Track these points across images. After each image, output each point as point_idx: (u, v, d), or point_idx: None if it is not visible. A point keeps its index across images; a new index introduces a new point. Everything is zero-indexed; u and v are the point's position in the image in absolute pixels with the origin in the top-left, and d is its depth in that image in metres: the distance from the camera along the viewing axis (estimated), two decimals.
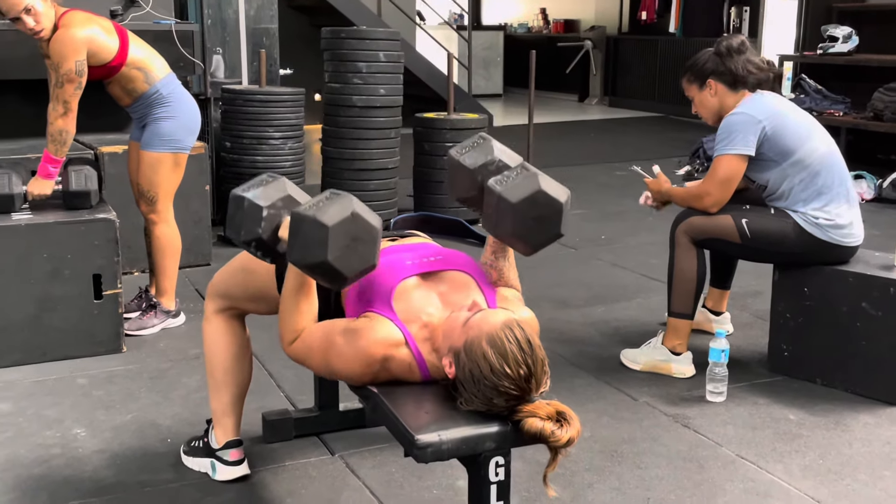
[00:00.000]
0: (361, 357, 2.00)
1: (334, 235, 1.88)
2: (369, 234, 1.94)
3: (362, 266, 1.95)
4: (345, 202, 1.93)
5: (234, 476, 2.55)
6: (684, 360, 3.30)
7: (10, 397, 3.10)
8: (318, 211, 1.90)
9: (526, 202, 2.02)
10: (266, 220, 2.10)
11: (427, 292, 2.09)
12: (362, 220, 1.93)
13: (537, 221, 2.05)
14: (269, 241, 2.13)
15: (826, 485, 2.56)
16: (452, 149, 2.26)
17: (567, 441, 1.79)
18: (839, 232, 3.12)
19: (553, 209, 2.05)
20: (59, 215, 3.45)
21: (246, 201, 2.11)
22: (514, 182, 2.06)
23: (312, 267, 1.93)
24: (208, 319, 2.56)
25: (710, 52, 3.25)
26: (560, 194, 2.07)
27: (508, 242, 2.15)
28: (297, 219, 1.92)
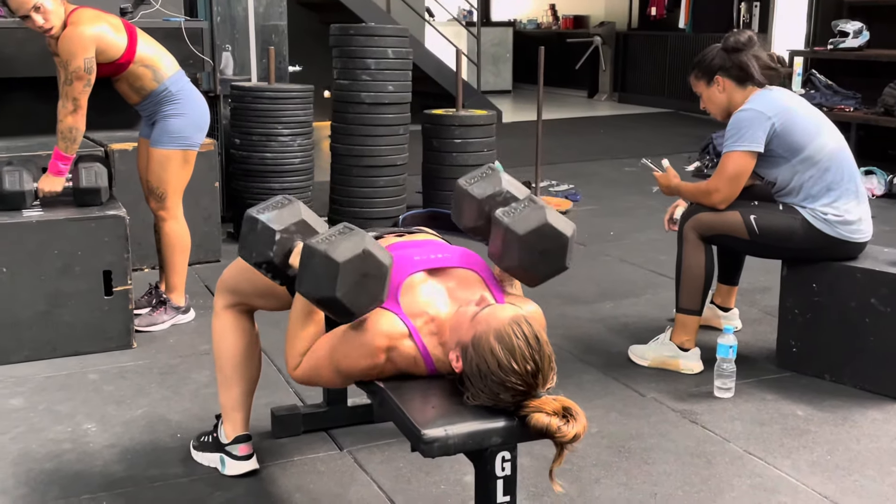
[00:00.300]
0: (366, 350, 2.01)
1: (344, 272, 1.89)
2: (379, 270, 1.95)
3: (371, 303, 1.97)
4: (357, 239, 1.95)
5: (243, 471, 2.57)
6: (692, 356, 3.30)
7: (21, 392, 3.13)
8: (329, 246, 1.92)
9: (533, 234, 2.06)
10: (278, 244, 2.12)
11: (434, 287, 2.10)
12: (373, 258, 1.94)
13: (543, 254, 2.09)
14: (279, 265, 2.15)
15: (834, 480, 2.56)
16: (461, 178, 2.31)
17: (573, 437, 1.79)
18: (848, 228, 3.12)
19: (559, 243, 2.09)
20: (69, 212, 3.47)
21: (259, 224, 2.13)
22: (521, 214, 2.09)
23: (321, 301, 1.95)
24: (217, 315, 2.58)
25: (717, 47, 3.25)
26: (566, 228, 2.11)
27: (514, 274, 2.16)
28: (308, 252, 1.94)
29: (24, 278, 3.36)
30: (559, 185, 6.68)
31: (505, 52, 14.33)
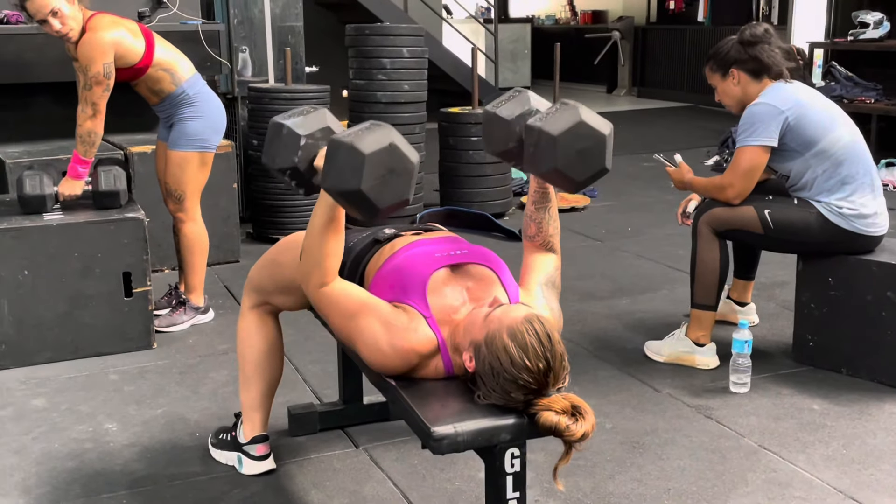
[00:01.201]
0: (398, 357, 2.02)
1: (370, 164, 1.85)
2: (405, 167, 1.90)
3: (395, 199, 1.91)
4: (384, 132, 1.90)
5: (260, 470, 2.60)
6: (708, 352, 3.30)
7: (44, 393, 3.18)
8: (356, 138, 1.87)
9: (568, 134, 1.98)
10: (303, 149, 2.08)
11: (456, 288, 2.10)
12: (399, 152, 1.90)
13: (580, 155, 2.00)
14: (304, 171, 2.11)
15: (849, 475, 2.55)
16: (488, 105, 2.23)
17: (581, 436, 1.80)
18: (863, 221, 3.11)
19: (596, 141, 2.01)
20: (89, 215, 3.52)
21: (285, 129, 2.09)
22: (554, 116, 2.01)
23: (345, 195, 1.90)
24: (243, 315, 2.61)
25: (733, 40, 3.24)
26: (603, 126, 2.03)
27: (552, 180, 2.10)
28: (335, 145, 1.89)
29: (46, 281, 3.41)
30: None
31: (523, 48, 14.30)
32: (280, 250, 2.52)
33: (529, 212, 2.26)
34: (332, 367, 3.15)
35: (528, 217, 2.27)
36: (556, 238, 2.27)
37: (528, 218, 2.27)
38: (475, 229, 5.27)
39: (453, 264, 2.15)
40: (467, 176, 5.59)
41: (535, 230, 2.25)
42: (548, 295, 2.19)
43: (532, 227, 2.26)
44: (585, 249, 5.00)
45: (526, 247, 2.30)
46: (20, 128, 4.83)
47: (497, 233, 5.26)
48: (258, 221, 5.22)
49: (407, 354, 2.01)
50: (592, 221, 5.64)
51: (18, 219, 3.44)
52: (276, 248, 2.55)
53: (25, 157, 4.33)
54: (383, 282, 2.15)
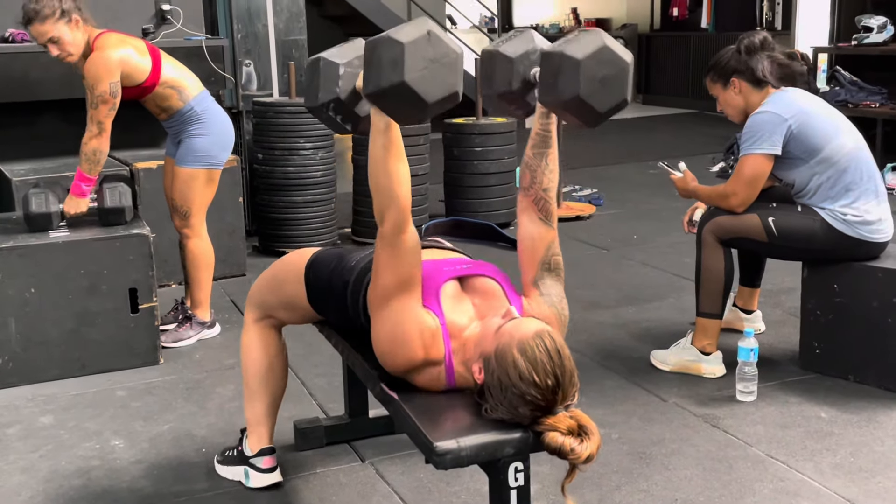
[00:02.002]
0: (406, 354, 2.02)
1: (410, 53, 1.76)
2: (448, 56, 1.82)
3: (444, 91, 1.82)
4: (420, 23, 1.83)
5: (267, 483, 2.60)
6: (714, 360, 3.29)
7: (51, 410, 3.19)
8: (392, 31, 1.80)
9: (592, 59, 1.89)
10: (343, 78, 2.03)
11: (465, 304, 2.11)
12: (440, 41, 1.81)
13: (603, 83, 1.91)
14: (347, 102, 2.05)
15: (857, 483, 2.54)
16: (487, 45, 2.16)
17: (587, 458, 1.78)
18: (868, 228, 3.10)
19: (619, 68, 1.93)
20: (94, 232, 3.53)
21: (322, 61, 2.06)
22: (576, 40, 1.92)
23: (390, 93, 1.80)
24: (247, 329, 2.61)
25: (732, 49, 3.24)
26: (625, 54, 1.95)
27: (571, 111, 1.99)
28: (371, 44, 1.81)
29: (53, 298, 3.42)
30: (582, 190, 6.67)
31: None
32: (283, 266, 2.52)
33: (527, 158, 2.14)
34: (337, 380, 3.15)
35: (525, 164, 2.15)
36: (551, 192, 2.15)
37: (524, 165, 2.15)
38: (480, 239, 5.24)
39: (461, 276, 2.15)
40: (472, 186, 5.60)
41: (530, 180, 2.14)
42: (548, 289, 2.14)
43: (527, 175, 2.14)
44: (591, 258, 5.00)
45: (519, 204, 2.19)
46: (26, 145, 4.85)
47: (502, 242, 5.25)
48: (264, 235, 5.23)
49: (413, 358, 2.02)
50: (598, 230, 5.63)
51: (24, 237, 3.45)
52: (279, 264, 2.56)
53: (32, 175, 4.35)
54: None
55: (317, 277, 2.40)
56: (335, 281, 2.35)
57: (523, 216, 2.17)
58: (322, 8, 9.59)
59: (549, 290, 2.14)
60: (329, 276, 2.37)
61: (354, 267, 2.32)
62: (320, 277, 2.39)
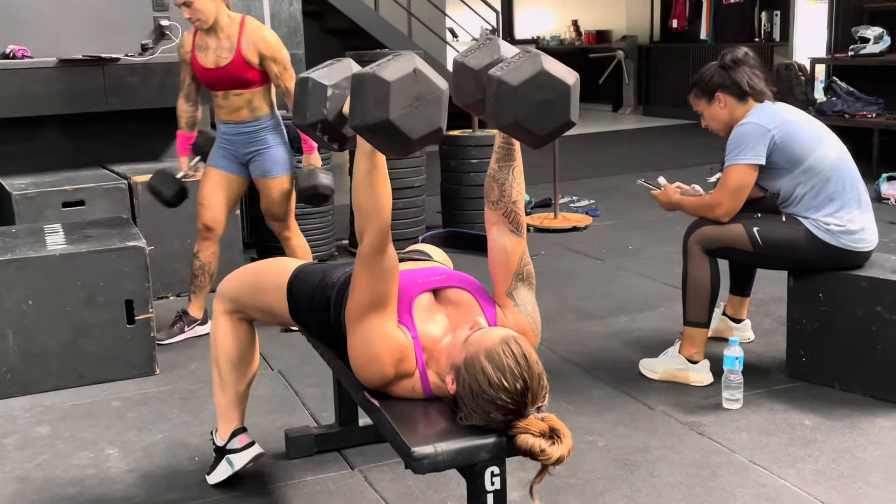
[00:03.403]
0: (378, 369, 2.08)
1: (396, 92, 1.78)
2: (433, 93, 1.83)
3: (428, 128, 1.85)
4: (407, 60, 1.84)
5: (250, 457, 2.64)
6: (701, 369, 3.33)
7: (48, 420, 3.24)
8: (378, 69, 1.81)
9: (528, 85, 1.89)
10: (331, 99, 2.06)
11: (438, 316, 2.16)
12: (425, 79, 1.83)
13: (542, 107, 1.91)
14: (334, 123, 2.09)
15: (838, 489, 2.58)
16: (458, 53, 2.19)
17: (557, 459, 1.84)
18: (851, 237, 3.14)
19: (559, 92, 1.92)
20: (91, 244, 3.58)
21: (311, 82, 2.09)
22: (514, 65, 1.93)
23: (375, 128, 1.82)
24: (216, 318, 2.65)
25: (714, 66, 3.30)
26: (567, 76, 1.94)
27: (513, 134, 2.02)
28: (358, 79, 1.83)
29: (50, 310, 3.48)
30: (579, 201, 6.72)
31: None
32: (263, 274, 2.57)
33: (493, 171, 2.16)
34: (330, 390, 3.19)
35: (491, 178, 2.17)
36: (520, 204, 2.18)
37: (490, 179, 2.17)
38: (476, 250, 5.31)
39: (435, 289, 2.20)
40: (468, 198, 5.66)
41: (498, 193, 2.16)
42: (522, 298, 2.19)
43: (495, 189, 2.16)
44: (586, 269, 5.04)
45: (489, 219, 2.21)
46: (26, 160, 4.92)
47: None
48: (262, 247, 5.29)
49: (385, 372, 2.07)
50: (594, 241, 5.68)
51: (22, 249, 3.51)
52: (259, 268, 2.62)
53: (32, 189, 4.41)
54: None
55: (300, 293, 2.44)
56: (318, 297, 2.39)
57: (493, 229, 2.21)
58: (322, 22, 9.67)
59: (523, 301, 2.20)
60: (312, 292, 2.41)
61: (336, 283, 2.37)
62: (303, 294, 2.44)
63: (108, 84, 4.82)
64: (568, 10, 15.23)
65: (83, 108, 4.79)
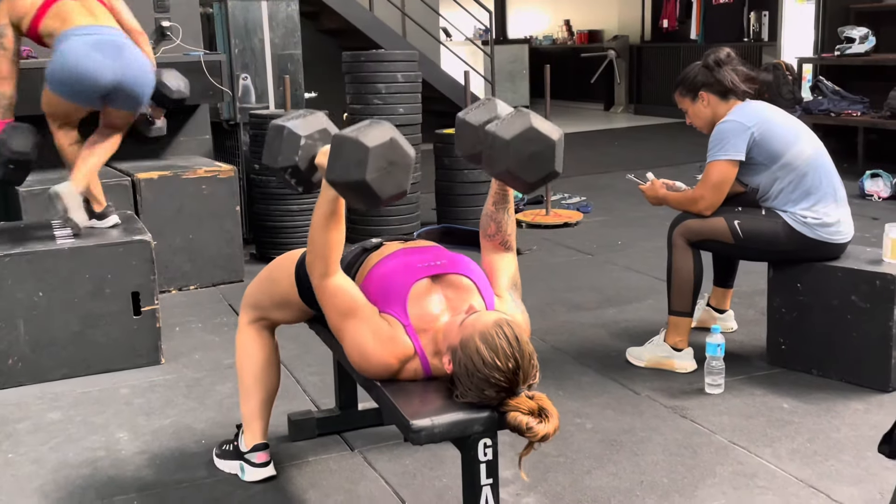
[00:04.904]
0: (378, 362, 2.22)
1: (373, 157, 2.02)
2: (404, 160, 2.09)
3: (396, 190, 2.09)
4: (385, 128, 2.08)
5: (261, 477, 2.77)
6: (686, 356, 3.48)
7: (59, 407, 3.38)
8: (360, 134, 2.04)
9: (519, 139, 2.17)
10: (303, 149, 2.27)
11: (436, 297, 2.30)
12: (399, 147, 2.07)
13: (531, 158, 2.19)
14: (304, 170, 2.30)
15: (811, 466, 2.73)
16: (461, 111, 2.45)
17: (543, 436, 1.99)
18: (827, 230, 3.29)
19: (546, 145, 2.20)
20: (99, 238, 3.72)
21: (286, 130, 2.29)
22: (507, 122, 2.21)
23: (350, 186, 2.06)
24: (241, 330, 2.79)
25: (698, 65, 3.45)
26: (552, 132, 2.21)
27: (506, 181, 2.30)
28: (339, 140, 2.06)
29: (59, 302, 3.61)
30: (571, 198, 6.87)
31: (521, 68, 14.54)
32: (275, 268, 2.71)
33: (489, 211, 2.42)
34: (330, 378, 3.33)
35: (488, 216, 2.43)
36: (513, 236, 2.44)
37: (487, 217, 2.43)
38: (470, 246, 5.45)
39: (434, 274, 2.34)
40: (462, 195, 5.80)
41: (495, 229, 2.41)
42: (515, 298, 2.38)
43: (492, 225, 2.41)
44: (576, 263, 5.19)
45: (484, 246, 2.45)
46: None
47: None
48: (260, 243, 5.43)
49: (387, 363, 2.21)
50: (584, 236, 5.83)
51: (32, 243, 3.64)
52: (271, 265, 2.75)
53: (37, 186, 4.54)
54: (368, 290, 2.33)
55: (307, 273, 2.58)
56: None
57: (489, 252, 2.45)
58: (318, 22, 9.80)
59: (516, 298, 2.39)
60: None
61: (343, 259, 2.50)
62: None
63: None
64: (560, 10, 15.40)
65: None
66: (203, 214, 4.82)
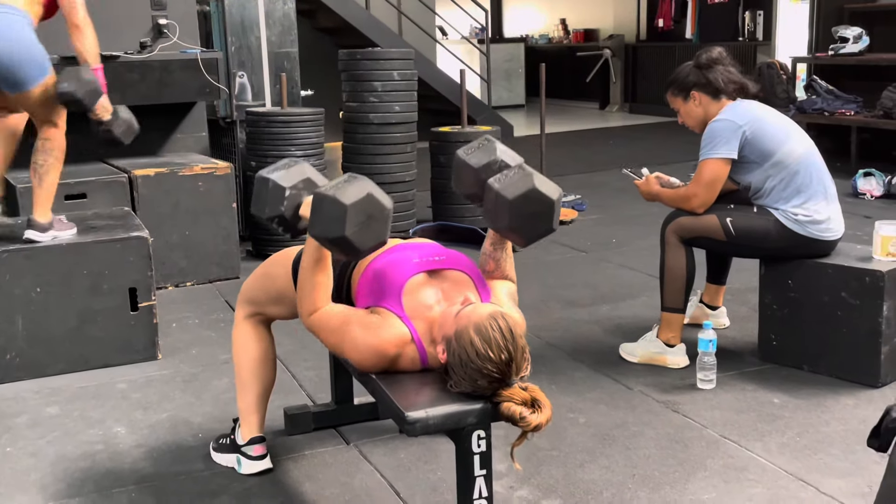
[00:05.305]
0: (375, 353, 2.25)
1: (352, 213, 2.12)
2: (382, 213, 2.18)
3: (375, 241, 2.19)
4: (362, 184, 2.19)
5: (258, 469, 2.80)
6: (678, 352, 3.52)
7: (57, 402, 3.40)
8: (337, 191, 2.15)
9: (521, 199, 2.27)
10: (288, 199, 2.37)
11: (431, 289, 2.33)
12: (376, 201, 2.17)
13: (531, 217, 2.31)
14: (290, 219, 2.39)
15: (800, 459, 2.76)
16: (460, 149, 2.54)
17: (535, 426, 2.03)
18: (817, 227, 3.33)
19: (546, 205, 2.31)
20: (96, 235, 3.75)
21: (271, 182, 2.39)
22: (510, 180, 2.31)
23: (331, 240, 2.16)
24: (238, 325, 2.83)
25: (689, 65, 3.49)
26: (552, 192, 2.32)
27: (505, 235, 2.40)
28: (319, 198, 2.16)
29: (57, 297, 3.64)
30: (566, 196, 6.89)
31: (517, 67, 14.60)
32: (271, 264, 2.74)
33: (488, 251, 2.50)
34: (325, 373, 3.36)
35: (487, 255, 2.50)
36: (512, 272, 2.52)
37: (486, 255, 2.51)
38: (466, 243, 5.50)
39: (430, 270, 2.37)
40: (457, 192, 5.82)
41: (494, 266, 2.49)
42: (512, 306, 2.42)
43: (491, 263, 2.50)
44: (570, 260, 5.23)
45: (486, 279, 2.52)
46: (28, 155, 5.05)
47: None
48: (256, 240, 5.46)
49: (383, 349, 2.24)
50: (579, 234, 5.86)
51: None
52: (267, 262, 2.78)
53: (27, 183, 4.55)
54: (365, 285, 2.37)
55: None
56: None
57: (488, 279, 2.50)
58: (314, 20, 9.83)
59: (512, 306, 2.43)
60: None
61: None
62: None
63: (108, 81, 4.95)
64: (556, 9, 15.44)
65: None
66: (200, 211, 4.84)
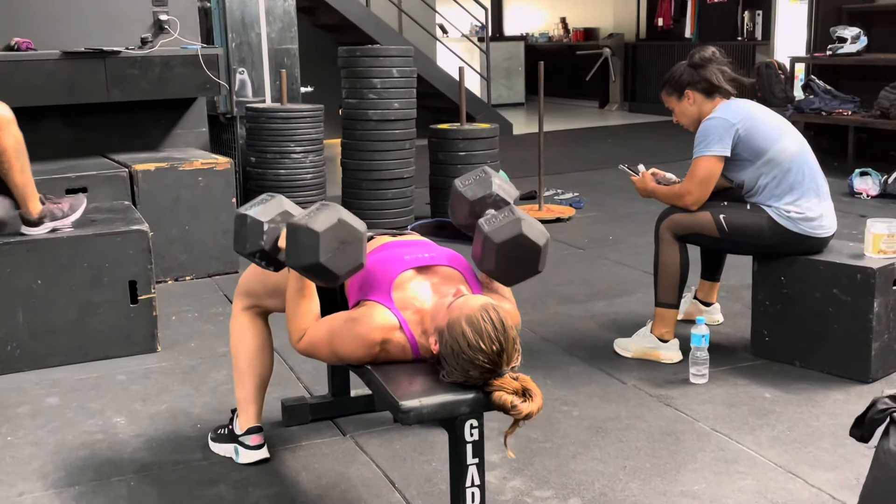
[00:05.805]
0: (362, 342, 2.29)
1: (324, 240, 2.18)
2: (354, 236, 2.24)
3: (351, 265, 2.25)
4: (332, 211, 2.24)
5: (255, 459, 2.84)
6: (671, 347, 3.56)
7: (57, 392, 3.44)
8: (309, 220, 2.21)
9: (508, 244, 2.34)
10: (267, 233, 2.42)
11: (421, 283, 2.38)
12: (348, 226, 2.23)
13: (517, 261, 2.37)
14: (270, 252, 2.44)
15: (790, 452, 2.81)
16: (457, 179, 2.61)
17: (526, 414, 2.07)
18: (810, 224, 3.37)
19: (532, 251, 2.37)
20: (97, 228, 3.79)
21: (249, 219, 2.44)
22: (500, 224, 2.37)
23: (307, 268, 2.22)
24: (235, 317, 2.87)
25: (684, 64, 3.53)
26: (539, 238, 2.37)
27: (490, 274, 2.45)
28: (293, 228, 2.23)
29: (58, 290, 3.68)
30: (564, 194, 6.95)
31: (517, 65, 14.63)
32: None
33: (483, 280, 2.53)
34: (322, 365, 3.39)
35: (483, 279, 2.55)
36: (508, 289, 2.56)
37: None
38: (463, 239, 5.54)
39: (420, 266, 2.41)
40: None
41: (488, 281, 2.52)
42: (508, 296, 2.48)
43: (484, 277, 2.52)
44: (567, 257, 5.27)
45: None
46: (30, 148, 5.06)
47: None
48: None
49: (369, 336, 2.28)
50: (576, 231, 5.90)
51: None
52: None
53: (36, 176, 4.57)
54: (355, 283, 2.41)
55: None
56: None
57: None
58: (314, 17, 9.86)
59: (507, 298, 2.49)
60: None
61: None
62: None
63: (110, 76, 5.01)
64: (556, 7, 15.47)
65: (85, 99, 4.98)
66: (199, 206, 4.88)
